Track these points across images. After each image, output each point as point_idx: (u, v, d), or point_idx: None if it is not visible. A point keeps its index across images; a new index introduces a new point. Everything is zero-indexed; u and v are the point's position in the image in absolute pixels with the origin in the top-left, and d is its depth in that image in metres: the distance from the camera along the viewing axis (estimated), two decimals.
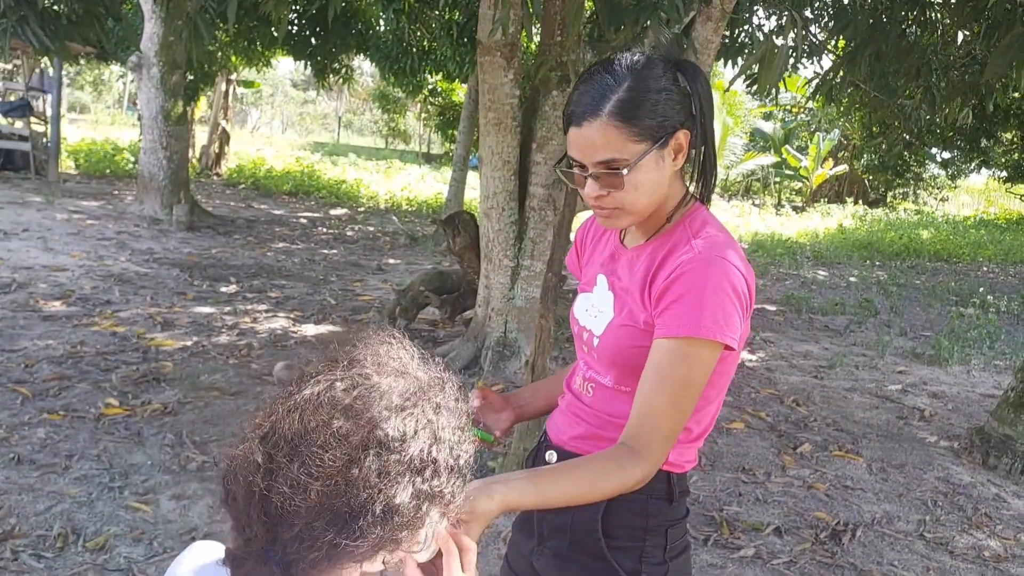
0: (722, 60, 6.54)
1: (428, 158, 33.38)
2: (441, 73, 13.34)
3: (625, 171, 1.22)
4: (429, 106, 23.12)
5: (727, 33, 6.02)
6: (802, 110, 21.89)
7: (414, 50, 12.85)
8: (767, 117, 26.94)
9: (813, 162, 23.80)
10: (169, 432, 3.90)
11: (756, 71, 5.50)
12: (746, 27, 5.49)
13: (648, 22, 3.64)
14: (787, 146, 24.79)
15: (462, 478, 0.85)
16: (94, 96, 47.24)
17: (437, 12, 11.08)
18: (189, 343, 5.36)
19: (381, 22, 13.75)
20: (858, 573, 3.20)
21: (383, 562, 0.81)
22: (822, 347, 7.00)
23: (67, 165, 15.83)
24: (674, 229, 1.31)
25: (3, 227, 8.65)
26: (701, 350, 1.19)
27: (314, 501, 0.74)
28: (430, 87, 19.11)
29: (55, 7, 3.90)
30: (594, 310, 1.39)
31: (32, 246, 7.91)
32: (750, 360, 6.32)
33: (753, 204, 23.58)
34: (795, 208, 23.31)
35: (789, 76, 10.48)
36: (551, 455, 1.43)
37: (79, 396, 4.22)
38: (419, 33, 12.49)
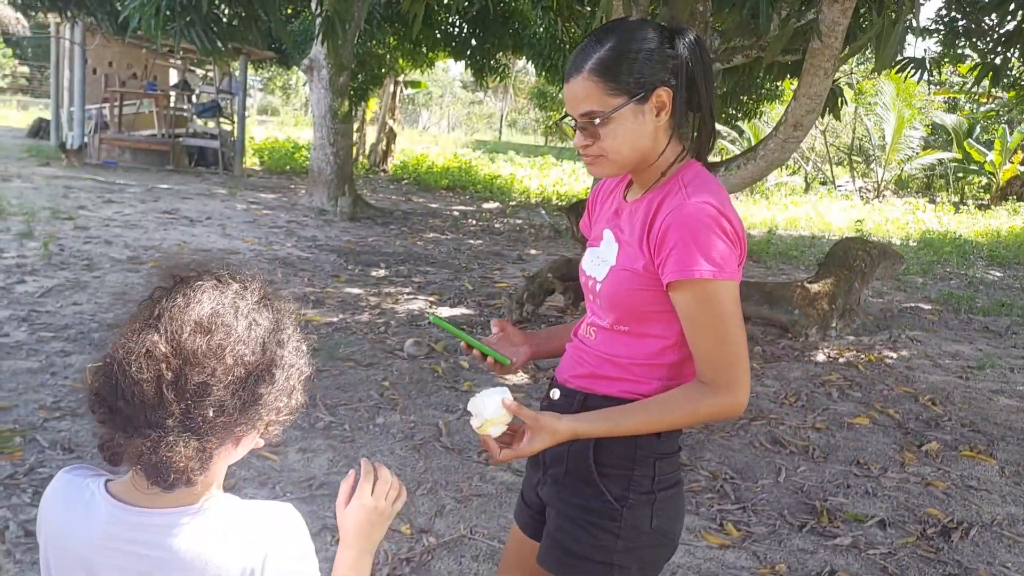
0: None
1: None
2: None
3: (597, 121, 1.36)
4: None
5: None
6: (991, 99, 20.14)
7: (566, 46, 13.07)
8: (951, 109, 24.97)
9: (1000, 156, 21.80)
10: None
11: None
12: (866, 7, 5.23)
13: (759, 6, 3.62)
14: (970, 140, 22.85)
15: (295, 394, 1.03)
16: (283, 100, 50.97)
17: (587, 8, 11.21)
18: (335, 319, 5.84)
19: (538, 21, 14.08)
20: (963, 571, 3.07)
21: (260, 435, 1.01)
22: (975, 348, 6.54)
23: (252, 161, 17.35)
24: (667, 182, 1.42)
25: (190, 215, 9.69)
26: (711, 288, 1.32)
27: (221, 376, 0.93)
28: None
29: (219, 12, 4.42)
30: (598, 260, 1.52)
31: (212, 232, 8.81)
32: (889, 358, 6.03)
33: (930, 201, 21.95)
34: (980, 206, 21.49)
35: (957, 63, 9.77)
36: (555, 392, 1.57)
37: None
38: (572, 30, 12.69)
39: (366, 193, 13.38)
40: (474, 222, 12.25)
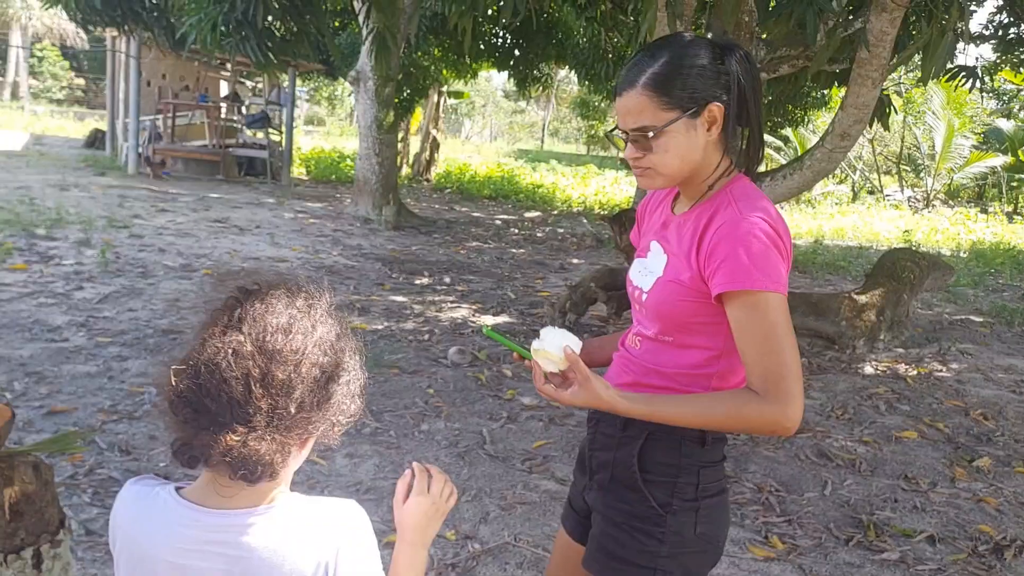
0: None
1: (626, 163, 33.38)
2: None
3: (650, 135, 1.39)
4: None
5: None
6: None
7: (609, 56, 13.09)
8: (1007, 115, 24.39)
9: None
10: None
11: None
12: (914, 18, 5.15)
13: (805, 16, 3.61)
14: None
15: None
16: (328, 110, 51.71)
17: (631, 18, 11.23)
18: (380, 327, 5.93)
19: (581, 31, 14.12)
20: None
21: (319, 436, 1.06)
22: None
23: (299, 171, 17.66)
24: (716, 196, 1.45)
25: (240, 224, 9.91)
26: (761, 300, 1.33)
27: (304, 374, 0.99)
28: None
29: (272, 27, 4.55)
30: (645, 271, 1.55)
31: (261, 240, 9.00)
32: (939, 371, 5.92)
33: (981, 211, 21.42)
34: None
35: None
36: None
37: None
38: (614, 39, 12.70)
39: (410, 202, 13.54)
40: (516, 231, 12.31)
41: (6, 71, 39.84)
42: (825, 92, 11.79)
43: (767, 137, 19.58)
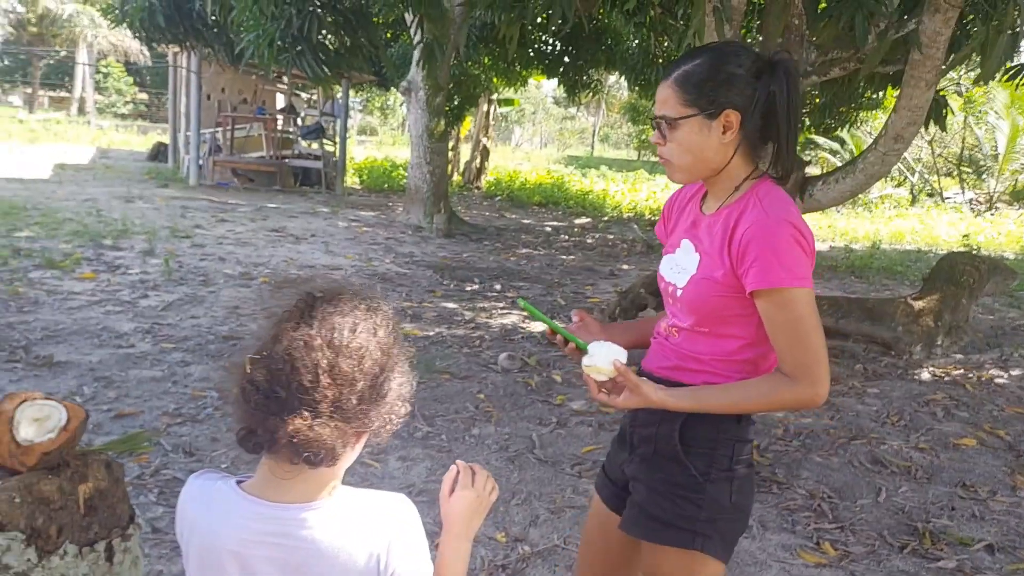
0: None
1: None
2: None
3: (663, 124, 1.54)
4: None
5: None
6: None
7: (659, 61, 13.05)
8: None
9: None
10: None
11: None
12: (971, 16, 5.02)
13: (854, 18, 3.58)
14: None
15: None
16: (381, 120, 52.46)
17: (681, 23, 11.19)
18: (431, 333, 6.02)
19: (630, 36, 14.10)
20: None
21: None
22: None
23: (353, 180, 17.97)
24: (743, 197, 1.56)
25: (296, 233, 10.15)
26: (789, 295, 1.47)
27: (366, 369, 1.06)
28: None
29: (326, 42, 4.69)
30: (677, 267, 1.66)
31: (316, 249, 9.21)
32: (1000, 377, 5.77)
33: None
34: None
35: None
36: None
37: None
38: (664, 44, 12.66)
39: (460, 210, 13.67)
40: (566, 237, 12.34)
41: (73, 87, 41.37)
42: (880, 94, 11.56)
43: (821, 140, 19.25)
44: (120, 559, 1.88)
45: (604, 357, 1.54)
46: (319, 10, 4.48)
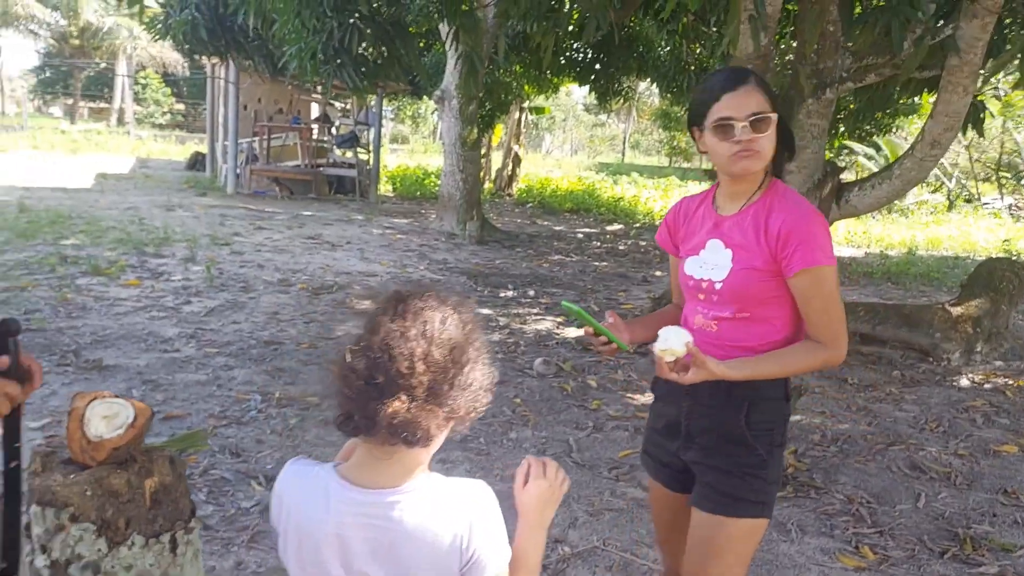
0: None
1: (712, 175, 32.98)
2: None
3: (773, 116, 1.74)
4: None
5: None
6: None
7: (691, 68, 13.05)
8: None
9: None
10: None
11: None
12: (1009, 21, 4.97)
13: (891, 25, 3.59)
14: None
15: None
16: (412, 128, 52.88)
17: (714, 30, 11.19)
18: None
19: (662, 44, 14.11)
20: None
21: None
22: None
23: (386, 188, 18.16)
24: (766, 195, 1.82)
25: (332, 240, 10.30)
26: (826, 272, 1.74)
27: (456, 359, 1.15)
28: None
29: (365, 53, 4.80)
30: (708, 265, 1.86)
31: (352, 255, 9.35)
32: None
33: None
34: None
35: None
36: None
37: None
38: (696, 51, 12.67)
39: (492, 217, 13.77)
40: (598, 244, 12.37)
41: (113, 98, 42.28)
42: (916, 99, 11.45)
43: (857, 146, 19.07)
44: (183, 551, 1.96)
45: (677, 340, 1.69)
46: (359, 23, 4.58)
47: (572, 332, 6.56)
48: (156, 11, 11.23)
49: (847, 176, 7.20)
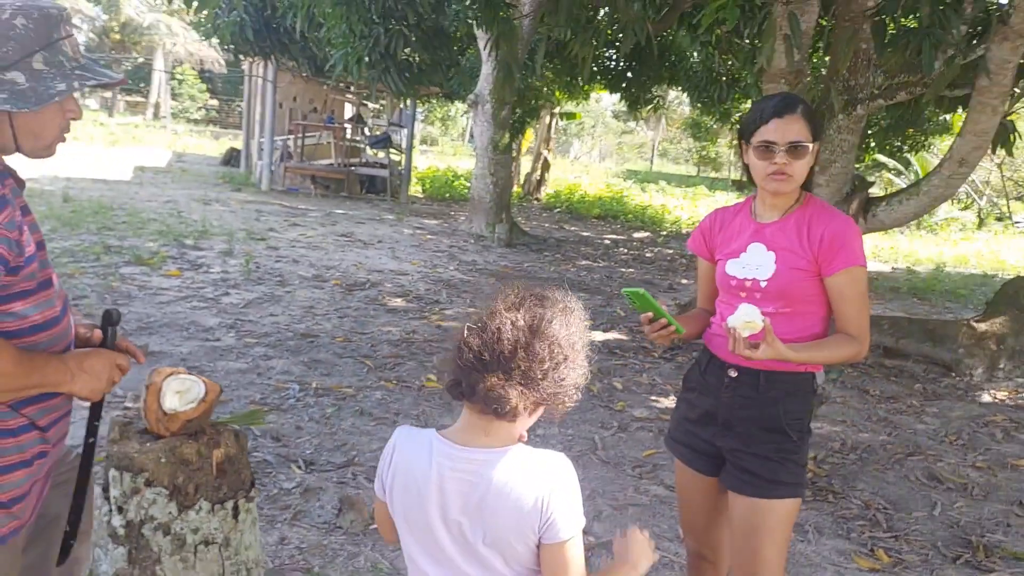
0: None
1: (739, 185, 32.93)
2: (749, 100, 13.46)
3: (810, 146, 1.96)
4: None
5: None
6: None
7: (723, 79, 13.14)
8: None
9: None
10: None
11: None
12: None
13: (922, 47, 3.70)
14: None
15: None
16: (442, 131, 53.19)
17: (747, 42, 11.28)
18: None
19: (695, 54, 14.21)
20: None
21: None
22: None
23: (416, 189, 18.38)
24: (805, 206, 2.05)
25: (363, 239, 10.52)
26: (861, 273, 1.99)
27: (553, 354, 1.32)
28: (739, 115, 19.15)
29: (409, 59, 4.98)
30: (751, 266, 2.06)
31: (384, 255, 9.55)
32: None
33: None
34: None
35: None
36: (732, 371, 2.08)
37: (408, 371, 5.23)
38: (728, 62, 12.75)
39: (521, 221, 13.92)
40: (625, 251, 12.48)
41: (150, 92, 43.01)
42: (947, 116, 11.45)
43: (888, 160, 19.01)
44: (244, 518, 2.14)
45: (756, 315, 1.87)
46: (404, 29, 4.76)
47: (599, 335, 6.70)
48: (205, 13, 11.53)
49: (875, 191, 7.27)
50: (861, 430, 4.86)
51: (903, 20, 5.71)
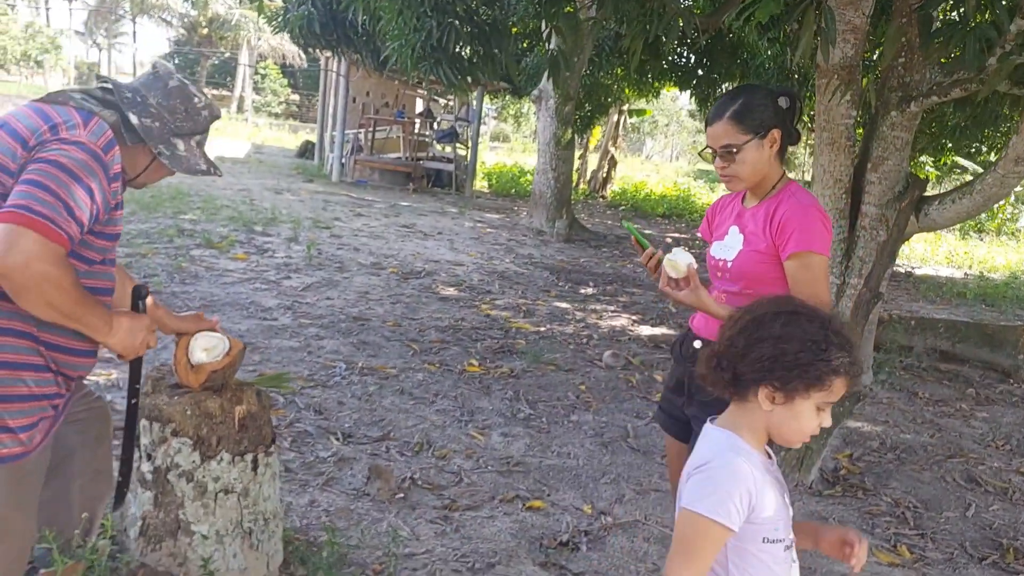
0: None
1: (807, 184, 32.13)
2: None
3: (735, 150, 2.07)
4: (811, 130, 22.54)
5: None
6: None
7: (795, 76, 12.89)
8: None
9: None
10: (510, 390, 4.82)
11: None
12: None
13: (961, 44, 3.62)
14: None
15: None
16: (514, 128, 53.46)
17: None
18: (542, 328, 6.36)
19: (767, 51, 13.97)
20: None
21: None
22: None
23: (481, 184, 18.61)
24: (779, 194, 2.13)
25: (425, 230, 10.75)
26: (813, 259, 2.03)
27: (755, 355, 1.48)
28: (811, 112, 18.72)
29: (461, 51, 5.12)
30: (726, 248, 2.19)
31: (442, 245, 9.75)
32: None
33: None
34: None
35: None
36: (697, 342, 2.21)
37: (451, 355, 5.37)
38: (800, 59, 12.50)
39: (583, 217, 13.97)
40: (686, 249, 12.40)
41: (234, 86, 44.53)
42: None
43: (968, 163, 18.31)
44: (263, 471, 2.30)
45: (684, 258, 2.00)
46: (457, 23, 4.90)
47: (646, 330, 6.73)
48: (278, 5, 11.97)
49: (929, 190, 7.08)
50: (904, 431, 4.79)
51: (950, 14, 5.58)
